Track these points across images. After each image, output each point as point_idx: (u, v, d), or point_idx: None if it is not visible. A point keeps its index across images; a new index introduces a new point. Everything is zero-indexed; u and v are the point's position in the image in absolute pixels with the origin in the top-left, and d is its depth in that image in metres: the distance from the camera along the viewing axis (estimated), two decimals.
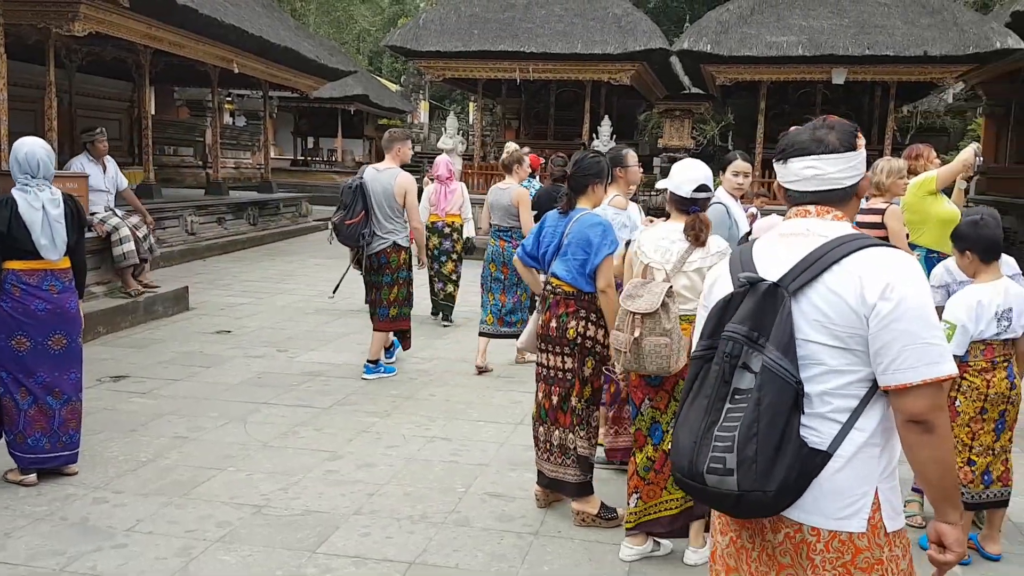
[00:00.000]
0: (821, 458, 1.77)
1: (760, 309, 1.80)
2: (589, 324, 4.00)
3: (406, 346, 6.95)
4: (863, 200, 6.22)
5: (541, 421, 4.17)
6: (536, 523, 4.08)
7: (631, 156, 5.12)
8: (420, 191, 8.53)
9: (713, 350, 1.85)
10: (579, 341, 3.99)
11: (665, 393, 3.63)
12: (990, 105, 19.29)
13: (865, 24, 14.12)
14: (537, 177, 9.51)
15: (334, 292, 7.75)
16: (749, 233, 4.79)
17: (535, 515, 4.17)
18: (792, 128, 2.04)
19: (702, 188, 3.62)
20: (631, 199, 5.77)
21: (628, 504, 3.73)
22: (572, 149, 13.21)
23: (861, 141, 1.96)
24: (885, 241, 1.88)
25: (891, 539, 1.83)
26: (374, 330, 6.69)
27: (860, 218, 6.13)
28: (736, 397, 1.77)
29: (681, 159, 4.03)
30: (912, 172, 5.58)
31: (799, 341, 1.79)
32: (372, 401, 6.03)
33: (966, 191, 6.07)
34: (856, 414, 1.79)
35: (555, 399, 4.07)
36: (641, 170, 5.45)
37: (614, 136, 15.89)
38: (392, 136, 6.64)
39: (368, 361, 6.67)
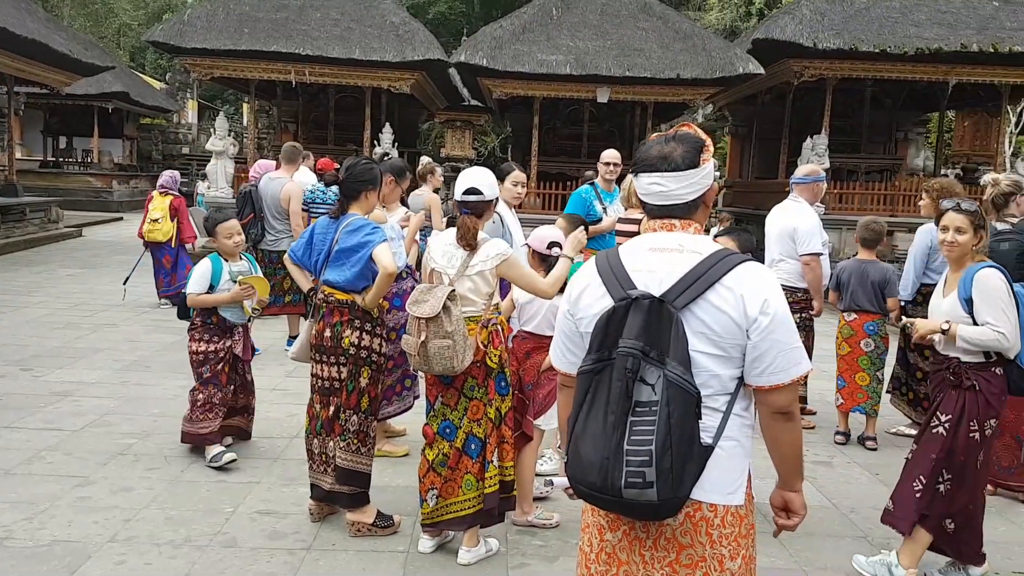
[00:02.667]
0: (711, 448, 1.95)
1: (651, 325, 1.88)
2: (364, 333, 3.98)
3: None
4: (623, 209, 6.72)
5: (316, 434, 4.08)
6: (309, 538, 3.99)
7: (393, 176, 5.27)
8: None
9: (602, 363, 1.90)
10: (353, 351, 3.95)
11: (455, 391, 3.73)
12: (735, 125, 21.30)
13: (625, 47, 15.07)
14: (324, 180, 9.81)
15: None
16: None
17: (308, 530, 4.08)
18: (650, 137, 2.12)
19: (471, 191, 3.72)
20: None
21: (426, 501, 3.77)
22: (348, 154, 13.08)
23: (707, 155, 2.06)
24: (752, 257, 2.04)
25: (753, 505, 2.08)
26: (268, 315, 7.97)
27: (620, 227, 6.57)
28: (638, 410, 1.83)
29: (465, 168, 4.16)
30: None
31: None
32: (130, 421, 5.63)
33: (713, 203, 6.67)
34: (732, 403, 1.99)
35: (332, 410, 4.01)
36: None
37: (396, 144, 15.89)
38: (296, 150, 8.05)
39: (291, 336, 7.96)
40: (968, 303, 3.59)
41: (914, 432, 6.01)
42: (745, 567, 2.02)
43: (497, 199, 3.87)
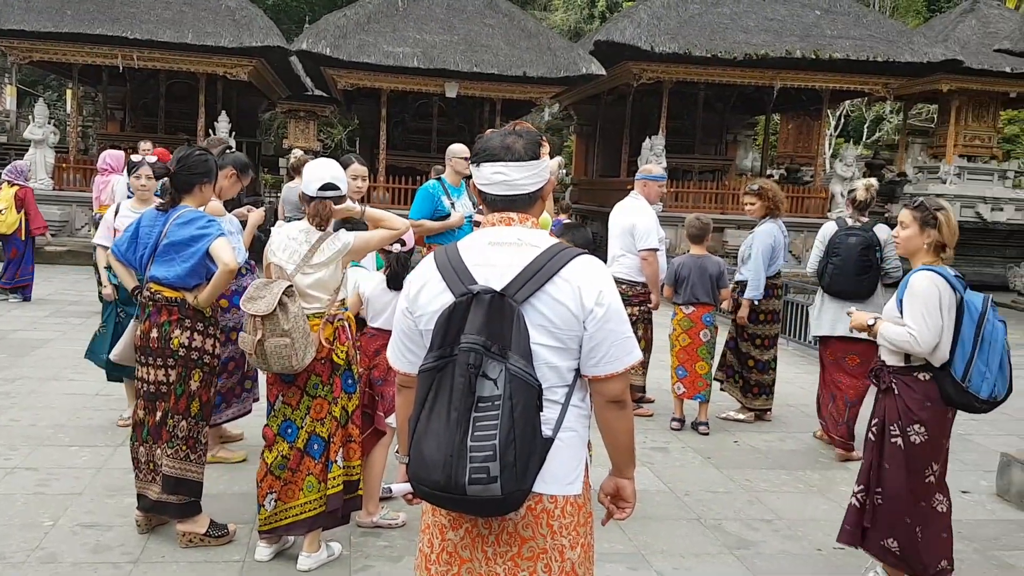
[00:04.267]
0: (551, 440, 1.97)
1: (493, 319, 1.88)
2: (195, 334, 3.77)
3: None
4: (471, 204, 6.72)
5: (142, 441, 3.84)
6: (137, 551, 3.75)
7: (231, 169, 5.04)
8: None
9: (444, 360, 1.89)
10: (183, 353, 3.74)
11: (297, 389, 3.62)
12: (580, 124, 21.85)
13: (473, 43, 15.11)
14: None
15: None
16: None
17: (136, 542, 3.84)
18: (487, 132, 2.14)
19: (328, 187, 3.60)
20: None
21: (263, 506, 3.63)
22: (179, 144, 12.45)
23: (545, 150, 2.11)
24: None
25: (590, 493, 2.12)
26: None
27: (478, 217, 6.58)
28: (481, 406, 1.84)
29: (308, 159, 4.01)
30: None
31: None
32: None
33: (557, 200, 6.83)
34: (570, 394, 2.03)
35: (159, 416, 3.78)
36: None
37: (233, 133, 15.27)
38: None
39: None
40: (901, 304, 3.52)
41: (743, 417, 6.39)
42: (584, 555, 2.06)
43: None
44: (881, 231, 5.52)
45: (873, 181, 5.72)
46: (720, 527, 4.37)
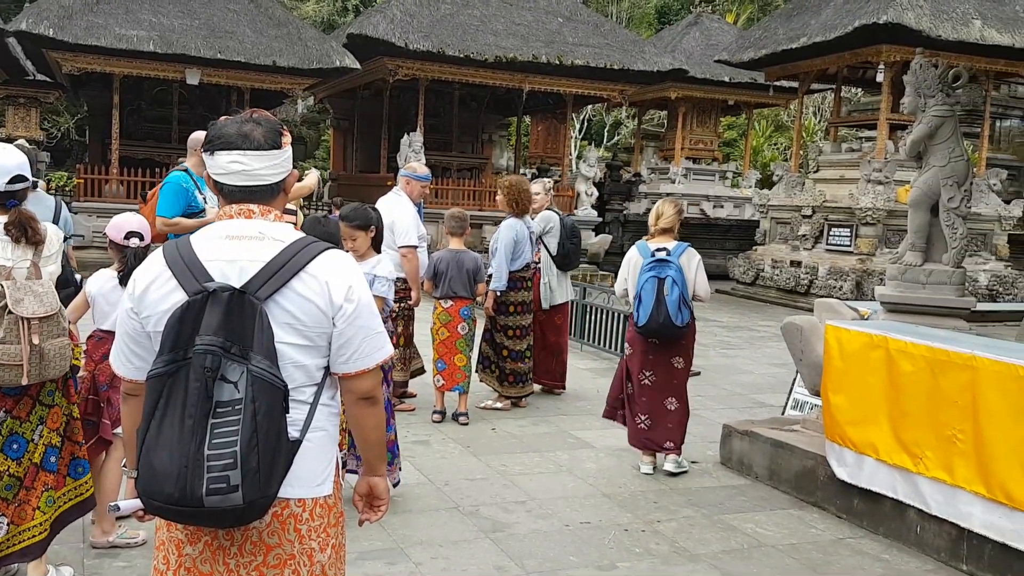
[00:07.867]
0: (299, 442, 1.89)
1: (232, 318, 1.78)
2: None
3: None
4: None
5: None
6: None
7: None
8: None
9: (176, 364, 1.76)
10: None
11: (29, 400, 3.21)
12: (336, 119, 21.49)
13: (216, 28, 14.35)
14: None
15: None
16: None
17: None
18: (221, 119, 2.00)
19: (18, 179, 3.20)
20: None
21: None
22: None
23: (286, 139, 2.01)
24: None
25: (341, 492, 2.10)
26: None
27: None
28: (219, 411, 1.73)
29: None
30: None
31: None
32: None
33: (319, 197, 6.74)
34: (319, 393, 1.95)
35: None
36: None
37: None
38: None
39: None
40: None
41: (500, 406, 6.59)
42: (335, 555, 2.01)
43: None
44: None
45: (550, 180, 7.85)
46: (477, 512, 4.48)
